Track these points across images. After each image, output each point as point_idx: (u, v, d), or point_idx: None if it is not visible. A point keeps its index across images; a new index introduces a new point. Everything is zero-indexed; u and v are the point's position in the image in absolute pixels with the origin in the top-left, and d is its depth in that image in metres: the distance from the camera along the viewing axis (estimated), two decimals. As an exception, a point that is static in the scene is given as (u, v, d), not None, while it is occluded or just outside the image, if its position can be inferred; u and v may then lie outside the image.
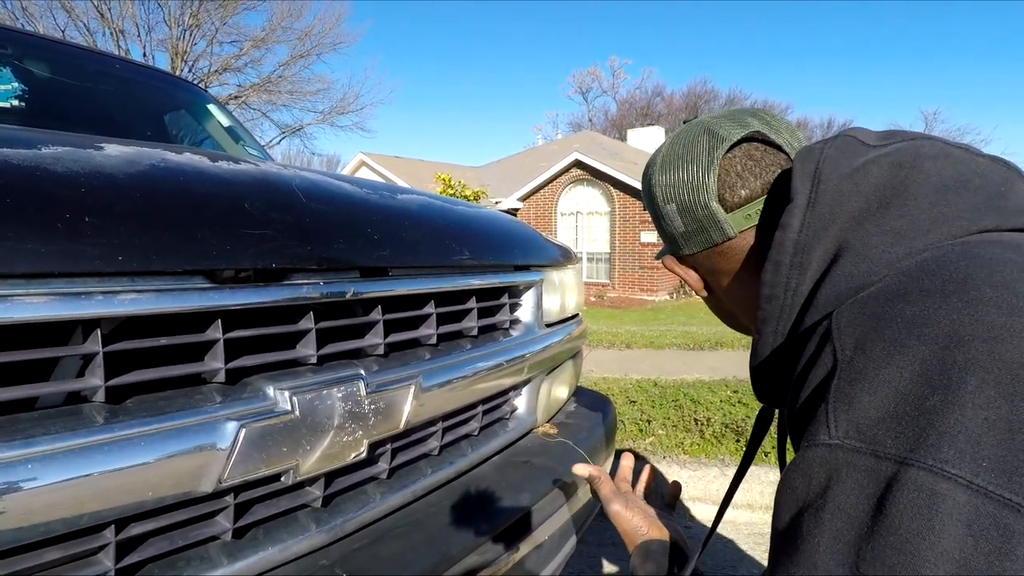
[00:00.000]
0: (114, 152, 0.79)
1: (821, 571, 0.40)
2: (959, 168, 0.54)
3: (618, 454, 1.16)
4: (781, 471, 0.84)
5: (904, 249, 0.51)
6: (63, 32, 15.53)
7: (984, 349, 0.40)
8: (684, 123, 0.74)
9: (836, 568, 0.40)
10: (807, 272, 0.55)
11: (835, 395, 0.44)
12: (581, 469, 0.93)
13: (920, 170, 0.54)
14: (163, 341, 0.71)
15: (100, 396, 0.67)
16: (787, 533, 0.44)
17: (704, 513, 2.66)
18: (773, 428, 0.82)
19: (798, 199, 0.56)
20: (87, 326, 0.66)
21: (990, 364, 0.40)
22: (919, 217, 0.52)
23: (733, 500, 0.86)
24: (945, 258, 0.48)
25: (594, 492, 0.91)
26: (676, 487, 0.95)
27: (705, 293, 0.76)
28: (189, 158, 0.89)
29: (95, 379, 0.66)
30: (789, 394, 0.54)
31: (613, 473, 0.97)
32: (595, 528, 2.09)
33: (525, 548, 1.11)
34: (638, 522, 0.81)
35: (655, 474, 0.98)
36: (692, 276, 0.75)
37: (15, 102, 1.81)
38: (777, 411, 0.80)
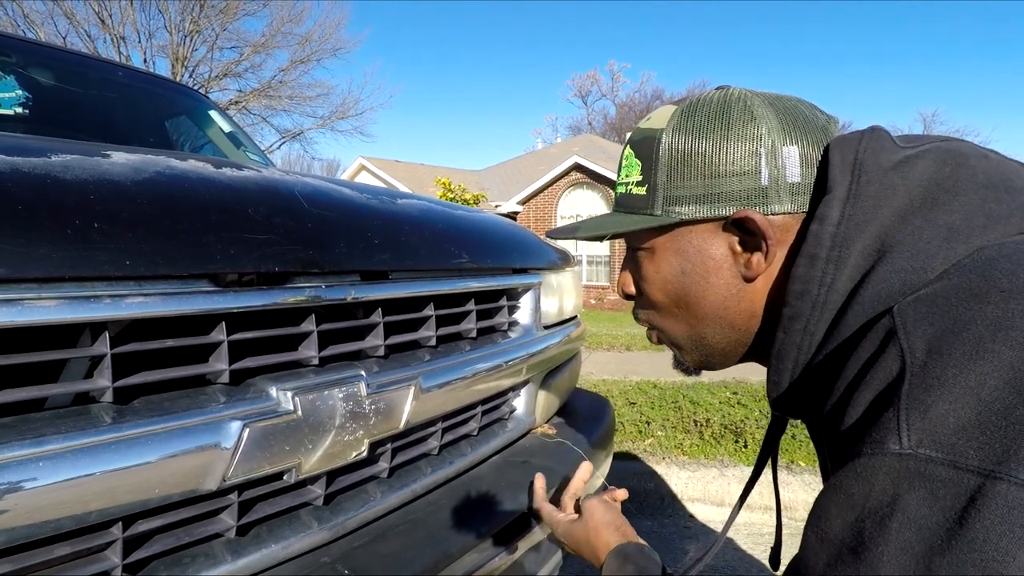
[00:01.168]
0: (121, 160, 0.81)
1: None
2: (998, 168, 0.53)
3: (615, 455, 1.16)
4: (755, 475, 0.82)
5: (963, 246, 0.48)
6: (64, 39, 15.59)
7: None
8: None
9: None
10: (844, 267, 0.52)
11: (907, 401, 0.41)
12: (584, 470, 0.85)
13: (966, 167, 0.52)
14: (169, 343, 0.73)
15: (108, 397, 0.68)
16: (842, 540, 0.42)
17: (703, 514, 2.68)
18: (760, 432, 0.80)
19: (837, 191, 0.53)
20: (95, 329, 0.68)
21: None
22: (973, 213, 0.49)
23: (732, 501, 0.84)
24: (1017, 256, 0.45)
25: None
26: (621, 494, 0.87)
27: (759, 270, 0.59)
28: (193, 165, 0.91)
29: (103, 380, 0.68)
30: (829, 398, 0.50)
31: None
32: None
33: (523, 547, 1.12)
34: (607, 534, 0.74)
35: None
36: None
37: (19, 109, 1.83)
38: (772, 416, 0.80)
